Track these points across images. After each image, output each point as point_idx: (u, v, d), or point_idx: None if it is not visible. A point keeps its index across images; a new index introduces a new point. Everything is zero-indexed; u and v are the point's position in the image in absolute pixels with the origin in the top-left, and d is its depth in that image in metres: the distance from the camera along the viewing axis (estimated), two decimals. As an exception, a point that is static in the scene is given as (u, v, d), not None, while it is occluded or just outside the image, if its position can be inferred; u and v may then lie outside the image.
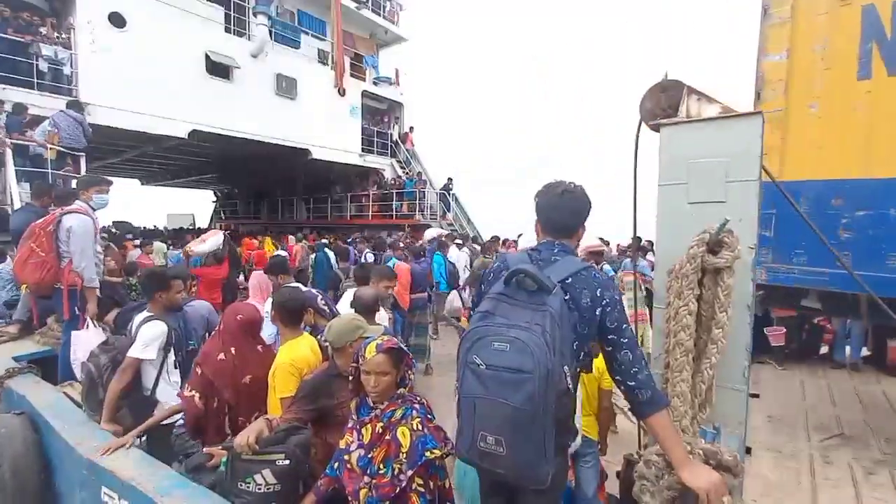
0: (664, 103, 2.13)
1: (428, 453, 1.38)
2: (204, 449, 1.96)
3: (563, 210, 1.50)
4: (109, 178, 3.69)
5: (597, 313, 1.35)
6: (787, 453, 3.57)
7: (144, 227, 17.44)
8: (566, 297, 1.32)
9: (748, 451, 3.24)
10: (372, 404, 1.54)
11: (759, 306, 3.97)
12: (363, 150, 14.64)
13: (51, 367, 3.22)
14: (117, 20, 9.12)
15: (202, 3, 10.70)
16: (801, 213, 1.93)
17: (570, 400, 1.34)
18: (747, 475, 2.00)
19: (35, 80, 8.12)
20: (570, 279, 1.36)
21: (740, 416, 1.90)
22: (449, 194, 14.53)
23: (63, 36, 8.74)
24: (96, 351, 2.59)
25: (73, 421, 2.26)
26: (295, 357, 2.12)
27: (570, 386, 1.28)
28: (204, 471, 1.78)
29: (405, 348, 1.56)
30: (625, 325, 1.39)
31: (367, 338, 1.77)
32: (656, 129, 2.05)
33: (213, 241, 6.36)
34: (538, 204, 1.53)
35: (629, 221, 2.26)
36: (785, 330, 5.63)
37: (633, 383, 1.35)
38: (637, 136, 2.24)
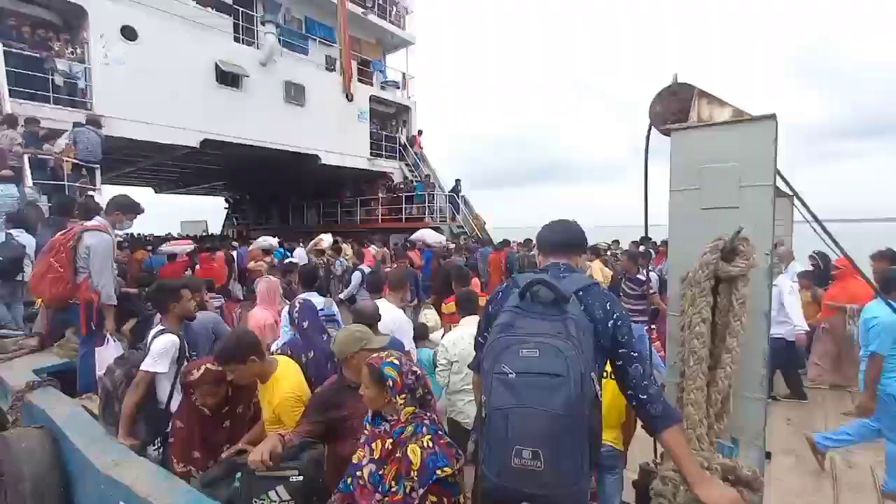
0: (674, 107, 2.10)
1: (439, 471, 1.37)
2: (223, 454, 1.98)
3: (562, 232, 1.59)
4: (140, 204, 3.68)
5: (609, 325, 1.36)
6: (808, 457, 3.49)
7: (152, 235, 17.74)
8: (581, 307, 1.33)
9: (767, 456, 3.15)
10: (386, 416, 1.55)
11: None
12: (372, 154, 14.72)
13: (70, 379, 3.25)
14: (129, 33, 9.29)
15: (211, 14, 10.85)
16: (817, 219, 1.88)
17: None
18: (766, 481, 1.96)
19: (51, 95, 8.31)
20: (581, 292, 1.37)
21: (758, 425, 1.86)
22: (458, 196, 14.52)
23: (77, 50, 8.92)
24: (112, 365, 2.62)
25: (91, 434, 2.30)
26: (292, 388, 2.06)
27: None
28: (219, 485, 1.79)
29: (397, 367, 1.52)
30: (634, 340, 1.40)
31: (371, 349, 1.79)
32: (667, 133, 2.02)
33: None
34: (539, 238, 1.63)
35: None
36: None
37: (644, 397, 1.34)
38: (647, 141, 2.20)
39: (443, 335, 3.19)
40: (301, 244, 10.77)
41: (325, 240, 9.01)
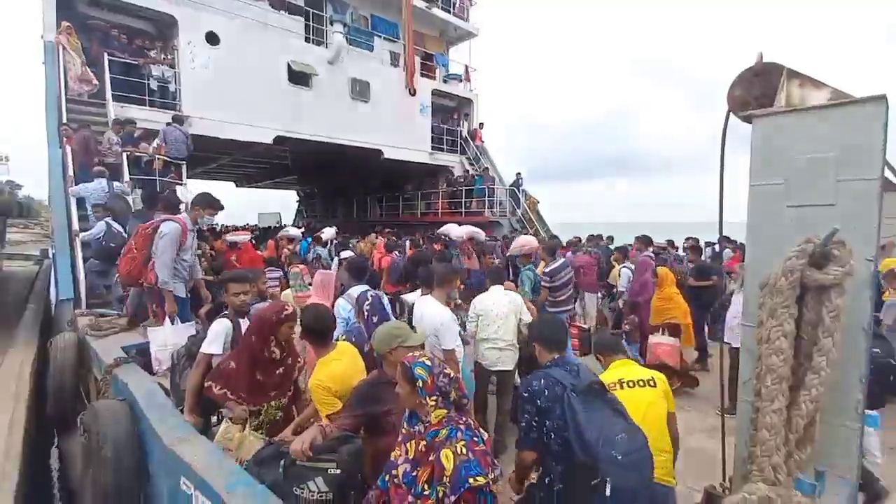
0: (757, 90, 1.86)
1: (471, 480, 1.30)
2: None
3: (561, 331, 2.12)
4: (219, 199, 4.01)
5: None
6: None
7: (234, 226, 19.14)
8: None
9: (864, 489, 2.75)
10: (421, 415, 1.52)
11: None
12: (433, 147, 14.79)
13: (153, 356, 3.58)
14: (212, 39, 10.02)
15: (284, 17, 11.43)
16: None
17: None
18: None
19: (147, 98, 9.20)
20: None
21: (851, 458, 1.61)
22: (518, 190, 14.23)
23: (168, 56, 9.77)
24: (186, 342, 2.86)
25: (163, 410, 2.49)
26: (323, 376, 2.12)
27: None
28: (268, 465, 1.86)
29: (428, 368, 1.50)
30: None
31: (408, 346, 1.76)
32: (748, 120, 1.80)
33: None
34: (544, 337, 2.06)
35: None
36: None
37: None
38: (724, 130, 1.98)
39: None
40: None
41: (326, 232, 9.93)
